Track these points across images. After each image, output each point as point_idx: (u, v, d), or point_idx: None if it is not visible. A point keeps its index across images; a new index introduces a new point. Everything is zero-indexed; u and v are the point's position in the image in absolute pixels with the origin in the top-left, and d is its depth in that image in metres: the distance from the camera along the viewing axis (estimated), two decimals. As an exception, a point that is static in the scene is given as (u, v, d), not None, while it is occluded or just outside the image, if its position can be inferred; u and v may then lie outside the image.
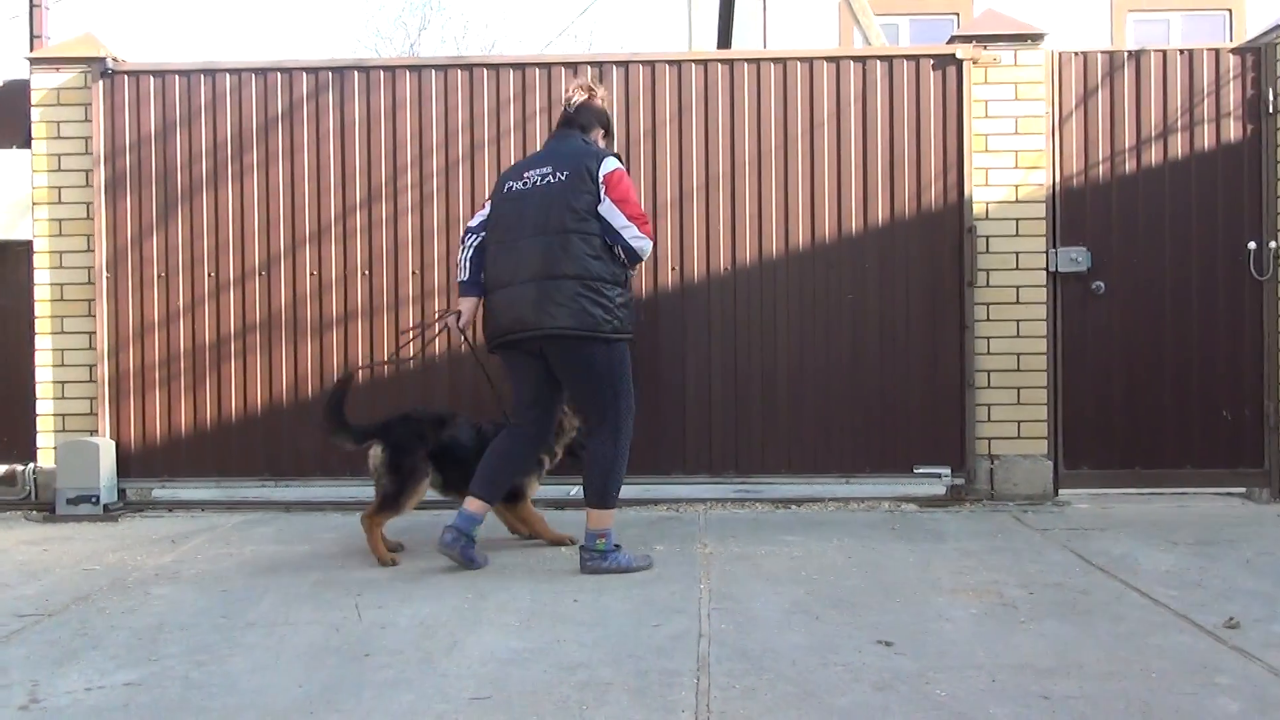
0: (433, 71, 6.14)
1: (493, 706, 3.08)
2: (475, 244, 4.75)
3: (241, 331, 6.15)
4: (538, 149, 6.00)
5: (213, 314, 6.16)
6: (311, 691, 3.21)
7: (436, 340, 5.90)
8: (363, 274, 6.12)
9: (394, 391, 6.01)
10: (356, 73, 6.15)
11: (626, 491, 6.11)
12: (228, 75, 6.18)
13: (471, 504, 4.60)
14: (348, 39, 41.71)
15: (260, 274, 6.15)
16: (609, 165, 4.58)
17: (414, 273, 6.10)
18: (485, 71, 6.12)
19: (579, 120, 4.76)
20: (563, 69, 6.11)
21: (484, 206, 4.87)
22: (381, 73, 6.16)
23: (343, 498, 6.22)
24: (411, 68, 6.18)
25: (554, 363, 4.58)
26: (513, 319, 4.55)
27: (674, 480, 6.11)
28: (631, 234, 4.52)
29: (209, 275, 6.16)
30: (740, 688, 3.20)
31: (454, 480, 4.90)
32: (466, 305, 4.84)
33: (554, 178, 4.56)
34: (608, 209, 4.50)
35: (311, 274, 6.13)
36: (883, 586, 4.29)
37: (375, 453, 4.85)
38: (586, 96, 4.80)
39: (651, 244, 4.62)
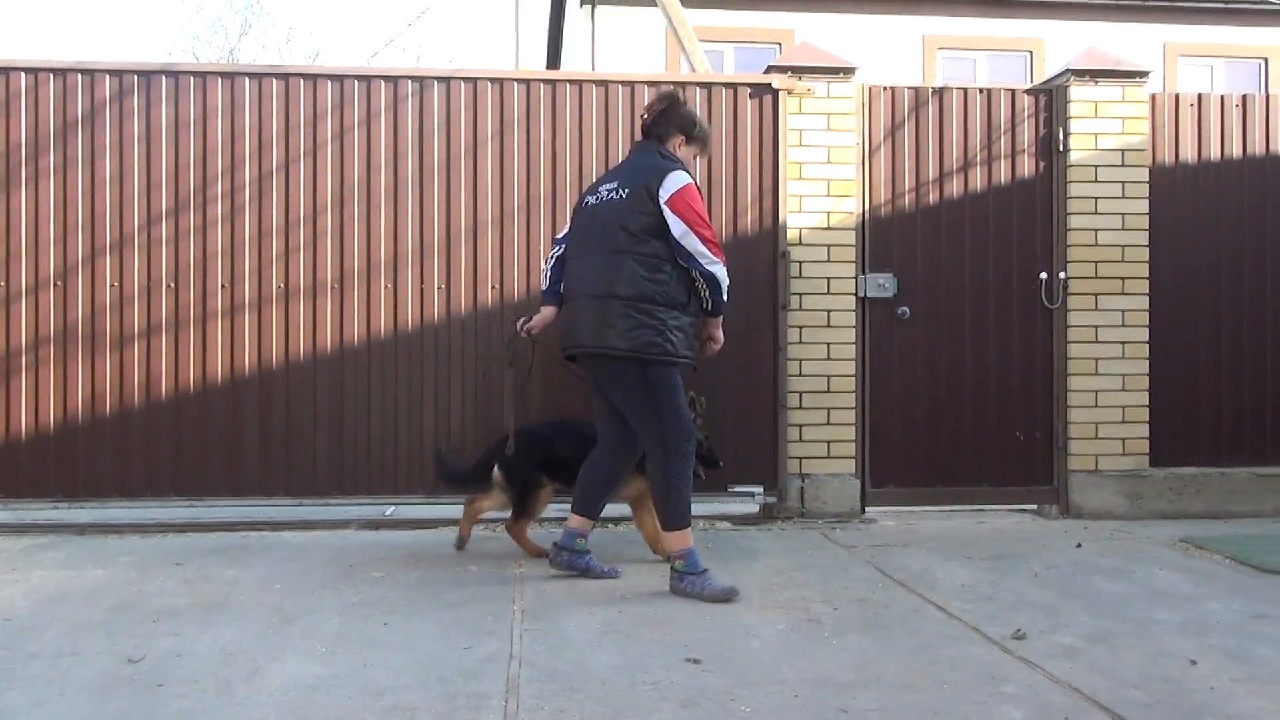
0: (246, 79, 5.95)
1: (292, 736, 2.99)
2: (558, 255, 4.84)
3: (34, 344, 5.81)
4: (354, 166, 5.92)
5: (1, 325, 5.80)
6: (97, 726, 3.05)
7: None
8: (168, 286, 5.87)
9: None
10: (164, 77, 5.91)
11: (438, 511, 6.11)
12: (23, 74, 5.85)
13: (571, 520, 4.78)
14: (164, 42, 40.09)
15: (55, 284, 5.82)
16: (671, 185, 4.43)
17: (223, 286, 5.89)
18: (302, 81, 5.98)
19: (655, 130, 4.67)
20: (381, 82, 6.01)
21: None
22: (192, 78, 5.94)
23: (142, 520, 5.95)
24: (224, 74, 5.98)
25: (601, 381, 4.62)
26: (570, 334, 4.66)
27: (492, 500, 6.05)
28: (707, 261, 4.44)
29: (-2, 284, 5.82)
30: (549, 709, 3.19)
31: (571, 479, 4.94)
32: (543, 312, 4.89)
33: (617, 194, 4.52)
34: (680, 232, 4.40)
35: (112, 285, 5.85)
36: (694, 605, 4.35)
37: (495, 474, 5.17)
38: (666, 105, 4.69)
39: (722, 268, 4.50)
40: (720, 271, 4.48)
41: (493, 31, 46.41)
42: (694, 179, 4.55)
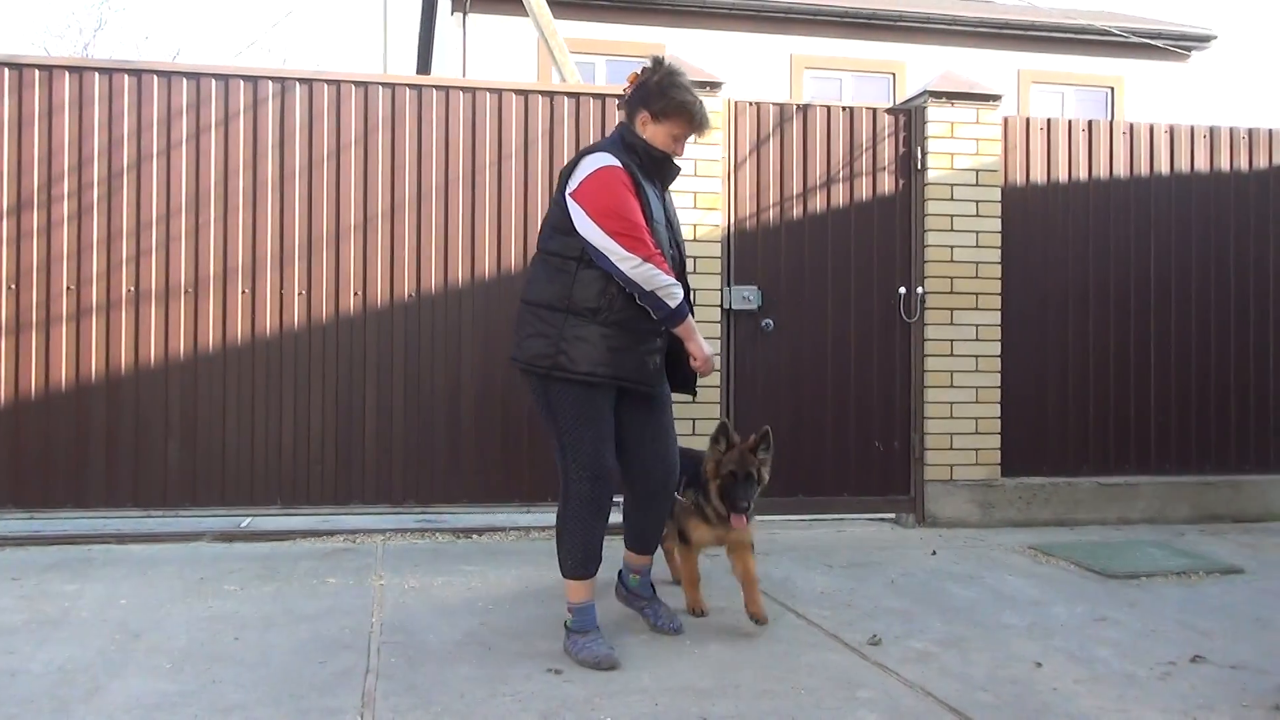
0: (96, 74, 5.71)
1: (132, 756, 2.87)
2: None
3: None
4: (211, 167, 5.74)
5: None
6: (-83, 751, 2.88)
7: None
8: (8, 288, 5.59)
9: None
10: (7, 70, 5.63)
11: (295, 522, 5.96)
12: None
13: (626, 557, 4.29)
14: (11, 34, 38.32)
15: (-116, 284, 5.51)
16: (582, 172, 3.78)
17: (69, 288, 5.63)
18: (156, 78, 5.76)
19: (626, 109, 3.96)
20: (241, 81, 5.84)
21: None
22: (37, 71, 5.67)
23: (-22, 533, 5.65)
24: (72, 68, 5.73)
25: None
26: None
27: (352, 510, 5.93)
28: (616, 258, 3.69)
29: None
30: (405, 723, 3.13)
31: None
32: None
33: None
34: (581, 225, 3.72)
35: (-53, 286, 5.56)
36: (557, 615, 4.29)
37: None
38: (641, 79, 3.95)
39: (642, 266, 3.68)
40: (636, 270, 3.69)
41: (362, 36, 45.73)
42: (665, 163, 3.92)
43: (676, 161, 4.03)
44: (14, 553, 5.39)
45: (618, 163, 3.76)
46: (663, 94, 3.87)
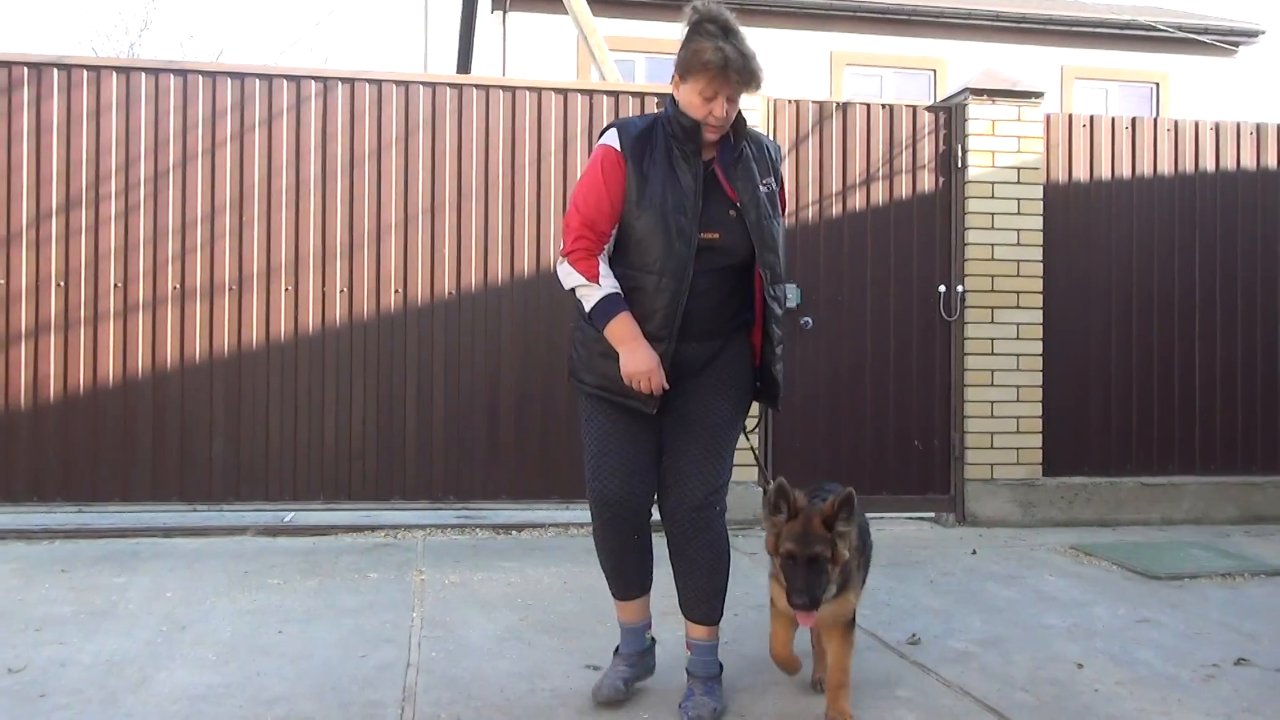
0: (143, 74, 5.80)
1: (179, 746, 2.92)
2: None
3: (-87, 343, 5.60)
4: (255, 166, 5.82)
5: (-122, 323, 5.58)
6: (-29, 738, 2.94)
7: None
8: (57, 285, 5.69)
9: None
10: (56, 70, 5.73)
11: (338, 517, 6.02)
12: (-96, 63, 5.64)
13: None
14: (60, 35, 38.89)
15: (-63, 281, 5.62)
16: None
17: (116, 285, 5.73)
18: (201, 78, 5.85)
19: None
20: (284, 81, 5.91)
21: None
22: (85, 72, 5.77)
23: (27, 526, 5.74)
24: (119, 69, 5.82)
25: None
26: None
27: (393, 506, 5.99)
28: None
29: (-125, 281, 5.58)
30: (445, 717, 3.16)
31: None
32: None
33: None
34: None
35: (-2, 283, 5.67)
36: (596, 612, 4.34)
37: None
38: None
39: (561, 262, 3.26)
40: (559, 268, 3.30)
41: (403, 35, 46.01)
42: (694, 132, 3.25)
43: (748, 127, 3.37)
44: (64, 545, 5.48)
45: (613, 139, 3.27)
46: (683, 46, 3.29)
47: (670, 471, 3.28)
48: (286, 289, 5.87)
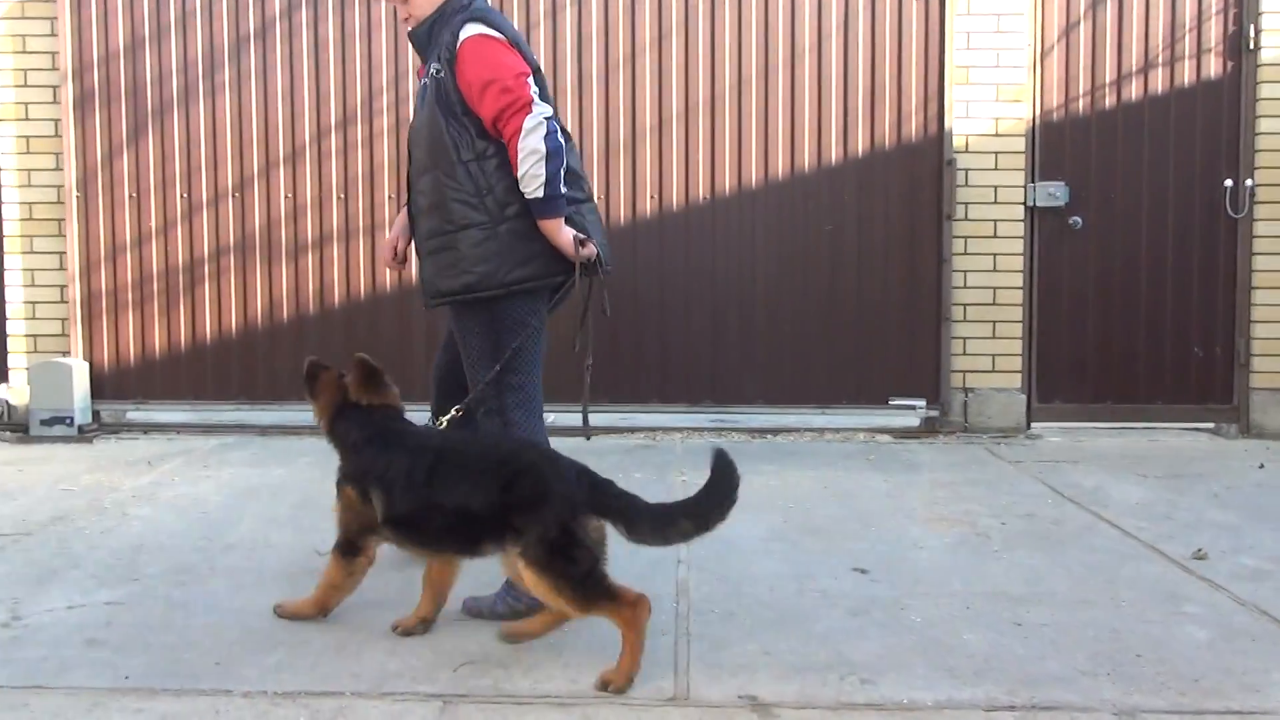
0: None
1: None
2: None
3: (215, 254, 6.08)
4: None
5: (185, 236, 6.08)
6: (294, 612, 3.24)
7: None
8: (338, 197, 6.05)
9: (370, 317, 5.98)
10: (332, -9, 6.02)
11: (602, 419, 6.20)
12: (200, -10, 6.05)
13: None
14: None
15: (234, 195, 6.06)
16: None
17: (390, 197, 6.02)
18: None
19: None
20: (543, -9, 6.00)
21: None
22: (357, -9, 6.03)
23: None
24: (388, -13, 6.04)
25: None
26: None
27: (651, 409, 6.13)
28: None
29: (181, 196, 6.07)
30: (719, 611, 3.25)
31: None
32: None
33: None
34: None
35: (286, 196, 6.05)
36: (858, 515, 4.34)
37: None
38: None
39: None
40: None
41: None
42: None
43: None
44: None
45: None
46: None
47: None
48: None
